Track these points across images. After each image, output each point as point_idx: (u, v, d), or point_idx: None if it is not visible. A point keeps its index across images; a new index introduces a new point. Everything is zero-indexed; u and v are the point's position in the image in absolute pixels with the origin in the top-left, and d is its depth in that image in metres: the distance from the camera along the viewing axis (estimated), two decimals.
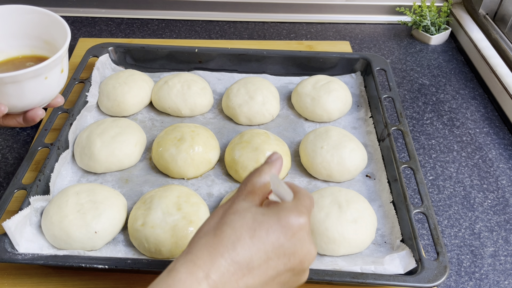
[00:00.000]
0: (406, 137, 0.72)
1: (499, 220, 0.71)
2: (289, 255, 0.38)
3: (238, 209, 0.39)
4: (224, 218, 0.39)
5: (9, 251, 0.55)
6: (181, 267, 0.36)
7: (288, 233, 0.38)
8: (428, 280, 0.54)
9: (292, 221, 0.38)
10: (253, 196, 0.41)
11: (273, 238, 0.37)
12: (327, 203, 0.62)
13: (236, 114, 0.79)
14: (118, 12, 1.12)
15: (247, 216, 0.38)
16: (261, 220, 0.38)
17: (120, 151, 0.70)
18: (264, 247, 0.37)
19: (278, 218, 0.38)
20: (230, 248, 0.36)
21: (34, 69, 0.48)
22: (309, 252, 0.39)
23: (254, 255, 0.36)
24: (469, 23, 1.06)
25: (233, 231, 0.37)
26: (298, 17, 1.13)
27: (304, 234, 0.39)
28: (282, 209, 0.39)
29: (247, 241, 0.37)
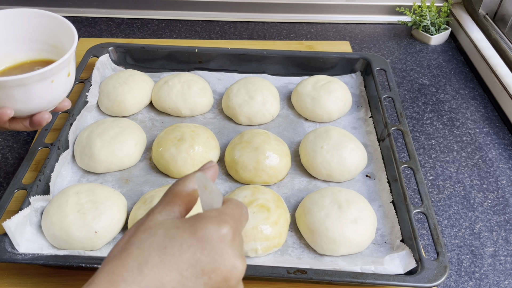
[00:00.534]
0: (406, 137, 0.72)
1: (499, 220, 0.71)
2: (209, 272, 0.32)
3: (150, 225, 0.34)
4: (133, 238, 0.33)
5: (9, 251, 0.55)
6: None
7: (206, 246, 0.32)
8: (428, 280, 0.54)
9: (210, 232, 0.32)
10: (172, 207, 0.36)
11: (187, 255, 0.32)
12: (327, 203, 0.62)
13: (236, 114, 0.79)
14: (118, 12, 1.12)
15: (158, 232, 0.33)
16: (174, 235, 0.32)
17: (120, 151, 0.70)
18: (177, 266, 0.31)
19: (193, 230, 0.33)
20: (135, 272, 0.31)
21: (40, 72, 0.48)
22: (234, 267, 0.33)
23: (165, 277, 0.31)
24: (469, 23, 1.06)
25: (140, 252, 0.32)
26: (298, 17, 1.13)
27: (226, 247, 0.33)
28: (199, 220, 0.33)
29: (156, 261, 0.31)
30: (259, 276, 0.54)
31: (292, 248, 0.62)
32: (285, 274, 0.54)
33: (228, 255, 0.33)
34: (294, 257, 0.61)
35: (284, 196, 0.69)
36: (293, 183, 0.71)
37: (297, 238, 0.64)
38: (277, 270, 0.55)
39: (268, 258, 0.60)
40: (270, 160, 0.69)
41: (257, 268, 0.55)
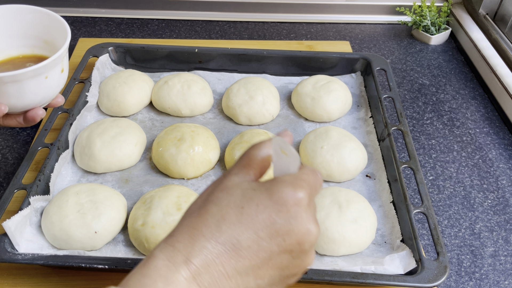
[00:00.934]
0: (406, 137, 0.72)
1: (499, 220, 0.71)
2: (283, 234, 0.33)
3: (228, 185, 0.35)
4: (211, 196, 0.35)
5: (9, 251, 0.55)
6: (159, 253, 0.32)
7: (282, 209, 0.33)
8: (428, 280, 0.54)
9: (286, 195, 0.33)
10: (248, 170, 0.36)
11: (263, 215, 0.32)
12: (327, 203, 0.62)
13: (236, 114, 0.79)
14: (118, 12, 1.12)
15: (236, 193, 0.34)
16: (251, 196, 0.33)
17: (120, 151, 0.70)
18: (253, 225, 0.32)
19: (270, 193, 0.33)
20: (213, 229, 0.32)
21: (34, 68, 0.48)
22: (308, 231, 0.34)
23: (241, 235, 0.32)
24: (469, 23, 1.06)
25: (219, 210, 0.33)
26: (298, 17, 1.13)
27: (301, 211, 0.33)
28: (276, 183, 0.34)
29: (233, 219, 0.32)
30: None
31: None
32: None
33: (302, 219, 0.33)
34: None
35: None
36: None
37: None
38: None
39: None
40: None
41: None
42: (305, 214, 0.34)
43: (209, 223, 0.33)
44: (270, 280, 0.34)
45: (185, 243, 0.32)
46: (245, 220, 0.32)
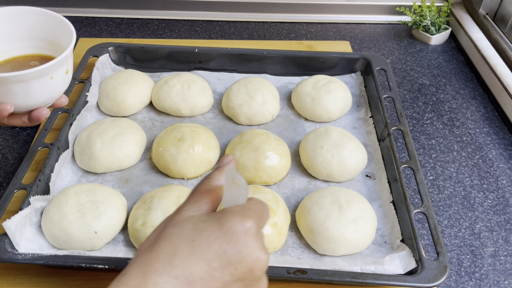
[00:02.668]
0: (406, 137, 0.72)
1: (499, 220, 0.71)
2: (235, 263, 0.34)
3: (179, 220, 0.36)
4: (163, 232, 0.35)
5: (9, 251, 0.55)
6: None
7: (232, 238, 0.34)
8: (428, 280, 0.54)
9: (235, 225, 0.34)
10: (199, 205, 0.37)
11: (214, 246, 0.33)
12: (327, 203, 0.62)
13: (236, 114, 0.79)
14: (118, 12, 1.12)
15: (187, 226, 0.35)
16: (202, 228, 0.34)
17: (120, 151, 0.70)
18: (206, 257, 0.33)
19: (220, 223, 0.34)
20: (166, 263, 0.33)
21: (40, 68, 0.49)
22: (258, 258, 0.34)
23: (194, 267, 0.32)
24: (469, 23, 1.06)
25: (171, 244, 0.34)
26: (298, 17, 1.13)
27: (251, 239, 0.34)
28: (225, 214, 0.35)
29: (185, 252, 0.33)
30: None
31: (292, 248, 0.62)
32: (285, 274, 0.54)
33: (252, 246, 0.34)
34: (294, 257, 0.61)
35: (284, 196, 0.69)
36: (293, 183, 0.71)
37: (297, 238, 0.64)
38: (277, 270, 0.55)
39: None
40: (270, 160, 0.69)
41: None
42: (255, 241, 0.35)
43: (161, 259, 0.33)
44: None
45: (137, 281, 0.32)
46: (196, 252, 0.33)
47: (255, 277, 0.35)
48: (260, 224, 0.36)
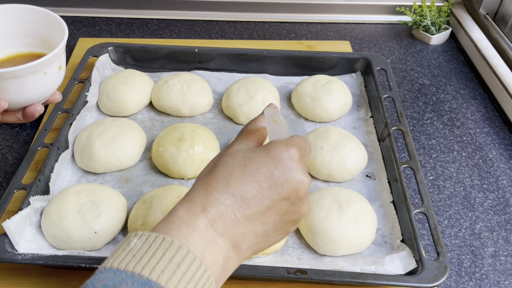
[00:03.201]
0: (406, 137, 0.72)
1: (499, 220, 0.70)
2: (281, 184, 0.39)
3: (231, 151, 0.41)
4: (218, 161, 0.41)
5: (9, 251, 0.55)
6: (180, 206, 0.38)
7: (278, 164, 0.39)
8: (428, 280, 0.54)
9: (281, 152, 0.39)
10: (247, 141, 0.43)
11: (263, 170, 0.39)
12: (327, 203, 0.62)
13: (236, 114, 0.79)
14: (118, 12, 1.12)
15: (239, 155, 0.40)
16: (251, 156, 0.40)
17: (120, 151, 0.70)
18: (256, 178, 0.38)
19: (267, 152, 0.40)
20: (223, 183, 0.38)
21: (33, 64, 0.49)
22: (301, 181, 0.40)
23: (246, 187, 0.38)
24: (469, 23, 1.06)
25: (226, 169, 0.39)
26: (298, 17, 1.13)
27: (294, 164, 0.40)
28: (271, 144, 0.41)
29: (239, 175, 0.38)
30: (259, 276, 0.54)
31: (292, 249, 0.62)
32: (285, 274, 0.54)
33: (296, 170, 0.40)
34: (294, 257, 0.61)
35: None
36: None
37: (297, 238, 0.64)
38: (277, 270, 0.55)
39: (268, 258, 0.60)
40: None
41: (257, 268, 0.55)
42: (298, 166, 0.40)
43: (219, 180, 0.39)
44: (274, 226, 0.40)
45: (201, 197, 0.38)
46: (248, 175, 0.38)
47: (299, 197, 0.40)
48: (302, 153, 0.41)
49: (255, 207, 0.38)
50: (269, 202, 0.39)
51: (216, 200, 0.37)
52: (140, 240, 0.34)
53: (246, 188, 0.38)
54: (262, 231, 0.39)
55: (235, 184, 0.38)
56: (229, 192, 0.38)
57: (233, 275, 0.55)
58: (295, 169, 0.40)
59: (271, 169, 0.39)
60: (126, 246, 0.34)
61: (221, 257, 0.36)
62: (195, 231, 0.35)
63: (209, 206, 0.37)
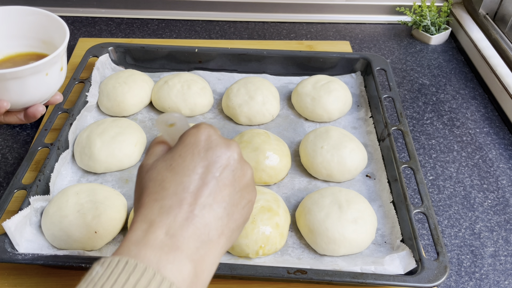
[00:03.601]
0: (406, 137, 0.72)
1: (499, 220, 0.71)
2: (213, 159, 0.38)
3: (148, 167, 0.39)
4: (142, 181, 0.39)
5: (9, 251, 0.55)
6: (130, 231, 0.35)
7: (198, 144, 0.38)
8: (428, 280, 0.54)
9: (195, 135, 0.38)
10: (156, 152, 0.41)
11: (189, 158, 0.37)
12: (327, 203, 0.62)
13: (236, 114, 0.79)
14: (118, 12, 1.12)
15: (158, 163, 0.38)
16: (171, 156, 0.38)
17: (120, 151, 0.70)
18: (188, 168, 0.37)
19: (182, 142, 0.38)
20: (159, 191, 0.36)
21: (35, 65, 0.49)
22: (229, 146, 0.39)
23: (185, 180, 0.36)
24: (469, 23, 1.06)
25: (154, 180, 0.37)
26: (298, 17, 1.13)
27: (213, 137, 0.39)
28: (182, 136, 0.39)
29: (170, 176, 0.37)
30: (259, 276, 0.54)
31: (292, 248, 0.62)
32: (285, 274, 0.54)
33: (217, 141, 0.39)
34: (294, 257, 0.61)
35: (284, 196, 0.69)
36: (293, 183, 0.71)
37: (297, 238, 0.64)
38: (277, 270, 0.55)
39: (268, 258, 0.60)
40: (270, 160, 0.69)
41: (257, 268, 0.55)
42: (217, 137, 0.39)
43: (154, 191, 0.36)
44: (231, 199, 0.38)
45: (145, 214, 0.35)
46: (179, 170, 0.37)
47: (236, 160, 0.39)
48: (213, 127, 0.40)
49: (202, 193, 0.36)
50: (214, 181, 0.37)
51: (162, 208, 0.35)
52: (102, 267, 0.32)
53: (184, 182, 0.36)
54: (223, 211, 0.37)
55: (172, 184, 0.36)
56: (170, 194, 0.36)
57: (233, 275, 0.55)
58: (217, 140, 0.39)
59: (196, 153, 0.37)
60: (88, 276, 0.32)
61: (188, 263, 0.34)
62: (151, 248, 0.33)
63: (157, 217, 0.35)
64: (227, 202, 0.37)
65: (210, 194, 0.36)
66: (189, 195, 0.36)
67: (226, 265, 0.55)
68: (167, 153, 0.39)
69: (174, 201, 0.35)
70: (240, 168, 0.39)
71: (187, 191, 0.36)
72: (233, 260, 0.60)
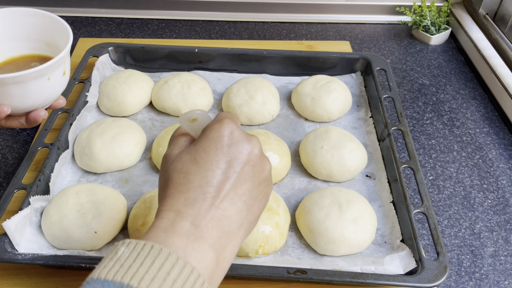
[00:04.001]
0: (406, 137, 0.72)
1: (499, 220, 0.71)
2: (235, 155, 0.39)
3: (172, 158, 0.40)
4: (166, 172, 0.40)
5: (9, 251, 0.55)
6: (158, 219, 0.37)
7: (222, 140, 0.39)
8: (428, 280, 0.54)
9: (218, 130, 0.39)
10: (179, 143, 0.42)
11: (213, 152, 0.39)
12: (327, 203, 0.62)
13: (236, 114, 0.79)
14: (118, 12, 1.12)
15: (183, 155, 0.40)
16: (195, 149, 0.39)
17: (120, 151, 0.70)
18: (211, 162, 0.38)
19: (206, 136, 0.40)
20: (185, 183, 0.38)
21: (37, 69, 0.48)
22: (251, 142, 0.40)
23: (208, 175, 0.38)
24: (469, 23, 1.06)
25: (179, 172, 0.39)
26: (298, 17, 1.13)
27: (236, 132, 0.40)
28: (205, 130, 0.40)
29: (194, 169, 0.38)
30: (259, 276, 0.54)
31: (292, 248, 0.62)
32: (285, 274, 0.54)
33: (240, 137, 0.40)
34: (294, 257, 0.61)
35: (284, 196, 0.69)
36: (293, 183, 0.71)
37: (297, 238, 0.64)
38: (277, 270, 0.55)
39: (268, 258, 0.60)
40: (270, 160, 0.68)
41: (257, 268, 0.55)
42: (239, 132, 0.40)
43: (179, 183, 0.38)
44: (250, 193, 0.39)
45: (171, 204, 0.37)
46: (203, 164, 0.38)
47: (257, 155, 0.40)
48: (235, 121, 0.41)
49: (224, 188, 0.38)
50: (235, 176, 0.38)
51: (187, 200, 0.37)
52: (127, 249, 0.33)
53: (208, 176, 0.38)
54: (243, 205, 0.39)
55: (196, 177, 0.38)
56: (195, 187, 0.37)
57: (233, 275, 0.55)
58: (239, 136, 0.40)
59: (219, 148, 0.39)
60: (113, 255, 0.33)
61: (211, 252, 0.36)
62: (178, 236, 0.35)
63: (183, 208, 0.36)
64: (247, 196, 0.39)
65: (231, 188, 0.38)
66: (212, 188, 0.37)
67: None
68: (191, 145, 0.40)
69: (199, 193, 0.37)
70: (260, 164, 0.41)
71: (211, 185, 0.37)
72: (233, 260, 0.60)
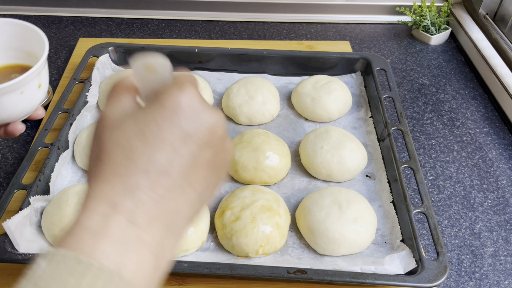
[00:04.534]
0: (406, 137, 0.72)
1: (499, 220, 0.71)
2: (194, 133, 0.31)
3: (113, 123, 0.31)
4: (103, 140, 0.31)
5: (9, 251, 0.55)
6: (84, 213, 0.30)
7: (180, 112, 0.31)
8: (428, 280, 0.54)
9: (178, 98, 0.31)
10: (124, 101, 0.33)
11: (167, 127, 0.30)
12: (327, 203, 0.62)
13: (236, 114, 0.79)
14: (118, 12, 1.12)
15: (127, 123, 0.31)
16: (145, 118, 0.31)
17: None
18: (164, 140, 0.30)
19: (161, 105, 0.31)
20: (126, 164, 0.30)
21: (7, 84, 0.48)
22: (214, 119, 0.32)
23: (157, 155, 0.30)
24: (469, 23, 1.06)
25: (120, 146, 0.30)
26: (298, 17, 1.13)
27: (198, 104, 0.32)
28: (160, 95, 0.31)
29: (141, 146, 0.30)
30: (259, 276, 0.54)
31: (292, 248, 0.62)
32: (285, 274, 0.54)
33: (203, 111, 0.32)
34: (294, 257, 0.61)
35: (284, 196, 0.69)
36: (293, 183, 0.71)
37: (297, 238, 0.64)
38: (277, 270, 0.55)
39: (268, 258, 0.60)
40: (270, 160, 0.69)
41: (257, 268, 0.55)
42: (202, 105, 0.32)
43: (119, 162, 0.30)
44: (206, 180, 0.32)
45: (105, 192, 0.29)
46: (153, 141, 0.30)
47: (220, 136, 0.33)
48: (196, 86, 0.33)
49: (177, 173, 0.30)
50: (191, 159, 0.31)
51: (126, 187, 0.29)
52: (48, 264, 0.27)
53: (157, 157, 0.29)
54: (195, 194, 0.32)
55: (142, 158, 0.29)
56: (139, 171, 0.29)
57: (233, 275, 0.55)
58: (201, 109, 0.32)
59: (176, 122, 0.30)
60: (32, 273, 0.26)
61: (150, 257, 0.29)
62: (110, 242, 0.27)
63: (119, 198, 0.28)
64: (200, 184, 0.32)
65: (184, 175, 0.31)
66: (161, 174, 0.29)
67: (226, 265, 0.55)
68: (139, 111, 0.31)
69: (142, 179, 0.29)
70: (221, 145, 0.33)
71: (159, 170, 0.29)
72: (233, 260, 0.60)
